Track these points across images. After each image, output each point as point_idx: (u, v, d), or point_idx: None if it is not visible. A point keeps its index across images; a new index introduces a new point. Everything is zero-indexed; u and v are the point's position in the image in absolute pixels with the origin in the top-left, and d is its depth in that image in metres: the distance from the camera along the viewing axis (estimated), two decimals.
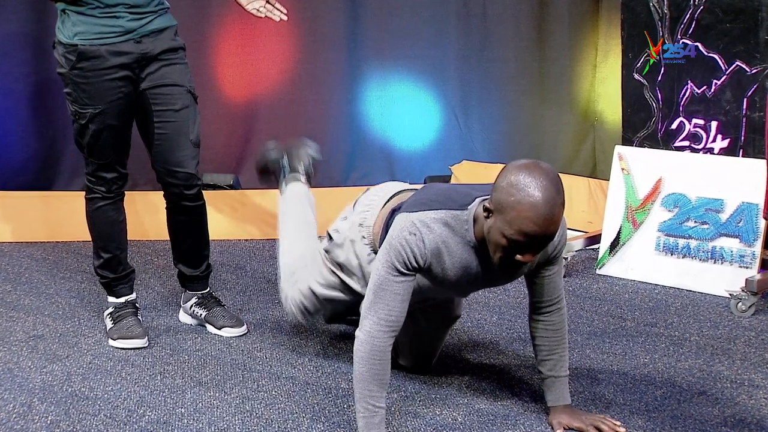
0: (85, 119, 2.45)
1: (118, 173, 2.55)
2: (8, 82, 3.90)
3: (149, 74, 2.46)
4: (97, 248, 2.63)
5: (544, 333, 2.10)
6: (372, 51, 4.28)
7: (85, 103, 2.44)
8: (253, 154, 4.16)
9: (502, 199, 1.79)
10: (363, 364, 1.90)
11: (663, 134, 3.49)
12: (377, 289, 1.91)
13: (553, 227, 1.77)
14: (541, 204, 1.74)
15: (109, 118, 2.45)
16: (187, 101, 2.52)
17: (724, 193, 3.14)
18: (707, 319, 2.87)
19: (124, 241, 2.64)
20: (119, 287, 2.66)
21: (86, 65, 2.41)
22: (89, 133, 2.46)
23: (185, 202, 2.59)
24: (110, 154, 2.50)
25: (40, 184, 3.97)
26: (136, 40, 2.43)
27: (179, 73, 2.50)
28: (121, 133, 2.50)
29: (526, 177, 1.77)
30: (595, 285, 3.25)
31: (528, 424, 2.09)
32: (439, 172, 4.27)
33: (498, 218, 1.80)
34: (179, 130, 2.51)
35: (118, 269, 2.65)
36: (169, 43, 2.49)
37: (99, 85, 2.42)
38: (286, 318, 2.82)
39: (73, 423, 2.07)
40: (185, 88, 2.51)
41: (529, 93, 4.38)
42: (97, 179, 2.55)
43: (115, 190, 2.57)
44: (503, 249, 1.81)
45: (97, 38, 2.40)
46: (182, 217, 2.64)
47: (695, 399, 2.23)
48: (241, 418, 2.10)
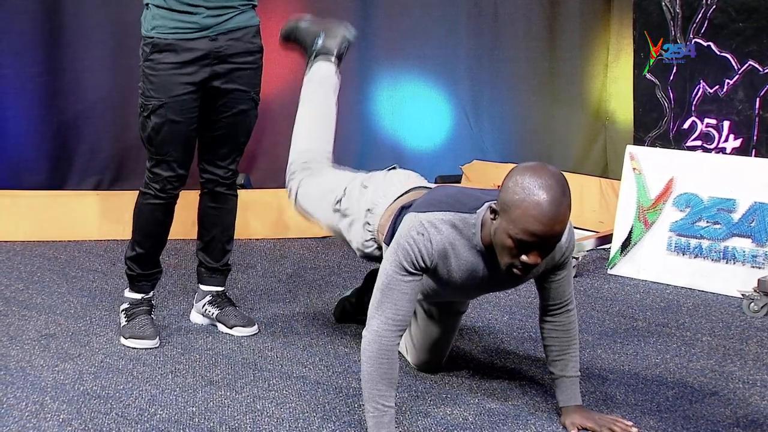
0: (148, 111, 2.46)
1: (175, 173, 2.53)
2: (21, 81, 3.91)
3: (218, 74, 2.48)
4: (134, 240, 2.63)
5: (554, 334, 2.09)
6: (383, 51, 4.28)
7: (150, 95, 2.45)
8: (265, 154, 4.20)
9: (507, 198, 1.79)
10: (371, 364, 1.90)
11: (675, 134, 3.48)
12: (385, 288, 1.91)
13: (558, 227, 1.77)
14: (545, 203, 1.74)
15: (171, 112, 2.45)
16: (246, 106, 2.56)
17: (737, 193, 3.12)
18: (719, 320, 2.85)
19: (162, 242, 2.65)
20: (142, 283, 2.67)
21: (157, 57, 2.43)
22: (150, 125, 2.47)
23: (220, 188, 2.65)
24: (169, 149, 2.50)
25: (52, 183, 3.98)
26: (211, 38, 2.44)
27: (248, 79, 2.53)
28: (183, 130, 2.49)
29: (532, 177, 1.77)
30: (606, 285, 3.24)
31: (539, 424, 2.08)
32: (449, 171, 4.26)
33: (503, 218, 1.80)
34: (231, 131, 2.57)
35: (147, 266, 2.65)
36: (245, 45, 2.50)
37: (166, 79, 2.43)
38: (298, 318, 2.84)
39: (84, 421, 2.07)
40: (249, 94, 2.55)
41: (540, 93, 4.37)
42: (154, 176, 2.55)
43: (169, 190, 2.55)
44: (509, 250, 1.81)
45: (172, 33, 2.42)
46: (213, 204, 2.68)
47: (707, 399, 2.21)
48: (252, 417, 2.10)
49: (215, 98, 2.52)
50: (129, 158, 3.96)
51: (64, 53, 3.93)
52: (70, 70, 3.93)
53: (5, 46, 3.88)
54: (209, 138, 2.59)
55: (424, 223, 1.91)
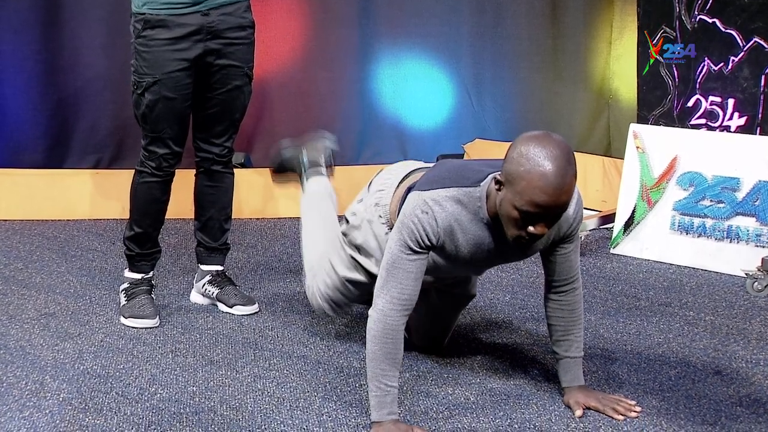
0: (142, 88, 2.45)
1: (170, 150, 2.52)
2: (18, 59, 3.88)
3: (211, 51, 2.46)
4: (131, 220, 2.62)
5: (559, 313, 2.08)
6: (384, 28, 4.24)
7: (144, 72, 2.44)
8: (265, 132, 4.18)
9: (512, 170, 1.77)
10: (375, 343, 1.90)
11: (679, 112, 3.46)
12: (390, 267, 1.91)
13: (564, 197, 1.75)
14: (551, 174, 1.72)
15: (166, 89, 2.44)
16: (240, 81, 2.55)
17: (741, 172, 3.10)
18: (722, 299, 2.85)
19: (160, 220, 2.65)
20: (141, 263, 2.66)
21: (150, 34, 2.42)
22: (144, 103, 2.46)
23: (216, 167, 2.64)
24: (164, 126, 2.49)
25: (51, 162, 3.96)
26: (203, 13, 2.43)
27: (241, 54, 2.52)
28: (177, 107, 2.48)
29: (537, 147, 1.75)
30: (609, 265, 3.23)
31: (541, 403, 2.08)
32: (451, 150, 4.24)
33: (509, 190, 1.78)
34: (226, 107, 2.56)
35: (146, 245, 2.65)
36: (237, 20, 2.49)
37: (159, 55, 2.42)
38: (298, 297, 2.83)
39: (85, 400, 2.07)
40: (243, 69, 2.54)
41: (543, 70, 4.34)
42: (150, 154, 2.54)
43: (165, 168, 2.55)
44: (515, 221, 1.79)
45: (164, 8, 2.40)
46: (209, 183, 2.67)
47: (710, 379, 2.21)
48: (252, 396, 2.10)
49: (209, 75, 2.51)
50: (129, 136, 3.93)
51: (63, 31, 3.89)
52: (69, 48, 3.90)
53: (4, 24, 3.85)
54: (204, 116, 2.58)
55: (428, 202, 1.90)
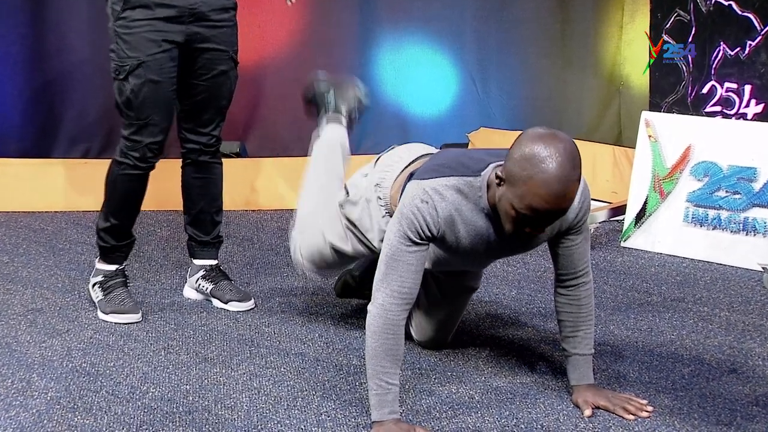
0: (125, 73, 2.40)
1: (156, 139, 2.47)
2: (5, 44, 3.85)
3: (195, 33, 2.44)
4: (106, 211, 2.58)
5: (568, 308, 2.04)
6: (385, 12, 4.24)
7: (126, 55, 2.39)
8: (260, 121, 4.17)
9: (514, 171, 1.76)
10: (375, 339, 1.87)
11: (693, 99, 3.46)
12: (389, 260, 1.88)
13: (565, 204, 1.75)
14: (553, 182, 1.71)
15: (150, 72, 2.39)
16: (226, 66, 2.53)
17: (758, 161, 3.09)
18: (738, 294, 2.82)
19: (136, 212, 2.61)
20: (116, 255, 2.62)
21: (130, 15, 2.38)
22: (128, 88, 2.41)
23: (203, 157, 2.61)
24: (150, 113, 2.44)
25: (39, 151, 3.93)
26: None
27: (225, 37, 2.51)
28: (163, 91, 2.44)
29: (542, 150, 1.72)
30: (620, 258, 3.21)
31: (548, 403, 2.04)
32: (455, 139, 4.26)
33: (509, 189, 1.78)
34: (212, 94, 2.54)
35: (122, 237, 2.61)
36: (221, 2, 2.48)
37: (141, 36, 2.37)
38: (296, 292, 2.81)
39: (73, 399, 2.04)
40: (228, 53, 2.52)
41: (551, 56, 4.36)
42: (133, 144, 2.47)
43: (150, 158, 2.49)
44: (512, 219, 1.81)
45: None
46: (198, 174, 2.64)
47: (725, 377, 2.18)
48: (248, 395, 2.07)
49: (193, 61, 2.48)
50: (119, 125, 3.84)
51: (48, 13, 3.86)
52: (55, 31, 3.90)
53: None
54: (190, 104, 2.55)
55: (428, 191, 1.88)
